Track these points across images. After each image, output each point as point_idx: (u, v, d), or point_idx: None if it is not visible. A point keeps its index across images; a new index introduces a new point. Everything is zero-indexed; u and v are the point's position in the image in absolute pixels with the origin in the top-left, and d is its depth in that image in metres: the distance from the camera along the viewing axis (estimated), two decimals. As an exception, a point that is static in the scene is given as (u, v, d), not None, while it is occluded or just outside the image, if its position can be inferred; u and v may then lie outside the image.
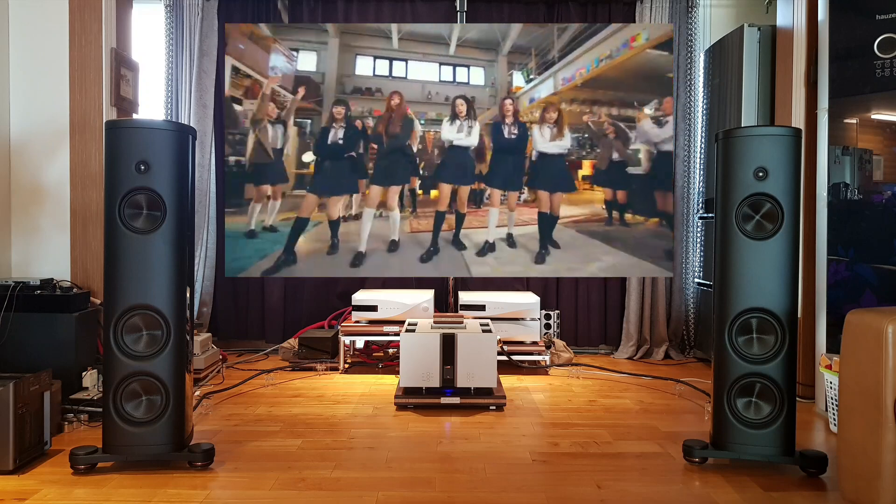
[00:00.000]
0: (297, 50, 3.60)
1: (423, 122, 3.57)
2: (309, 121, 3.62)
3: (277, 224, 3.58)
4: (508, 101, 3.45)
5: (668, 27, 3.25)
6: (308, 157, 3.47)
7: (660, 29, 3.28)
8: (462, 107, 3.52)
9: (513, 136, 3.39)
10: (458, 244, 3.44)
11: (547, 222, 3.06)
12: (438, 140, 3.47)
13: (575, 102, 3.24)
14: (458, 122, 3.51)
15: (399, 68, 3.64)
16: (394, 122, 3.49)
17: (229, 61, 3.63)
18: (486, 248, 3.34)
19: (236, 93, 3.64)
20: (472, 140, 3.47)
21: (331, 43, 3.48)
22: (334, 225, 3.53)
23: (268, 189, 3.58)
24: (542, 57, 3.44)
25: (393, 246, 3.53)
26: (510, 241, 3.31)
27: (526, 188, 3.36)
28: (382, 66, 3.66)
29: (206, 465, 2.14)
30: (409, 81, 3.63)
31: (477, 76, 3.56)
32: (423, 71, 3.62)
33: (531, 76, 3.44)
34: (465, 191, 3.48)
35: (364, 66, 3.64)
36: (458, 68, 3.60)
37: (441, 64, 3.59)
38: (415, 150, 3.55)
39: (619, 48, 3.34)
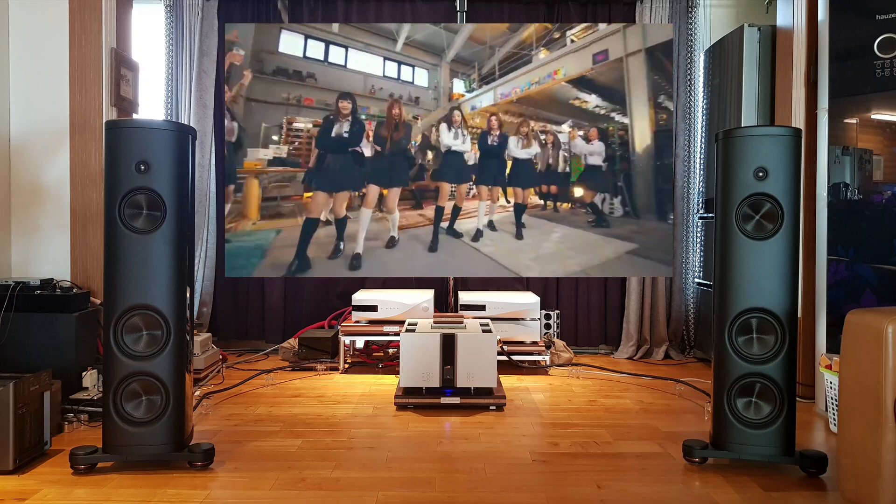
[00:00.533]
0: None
1: (363, 115, 3.51)
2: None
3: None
4: (494, 118, 3.71)
5: (587, 67, 3.73)
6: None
7: (578, 67, 3.73)
8: (457, 116, 3.71)
9: (494, 144, 3.74)
10: (454, 233, 3.71)
11: (520, 209, 3.78)
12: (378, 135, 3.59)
13: (510, 114, 3.75)
14: (453, 129, 3.67)
15: (337, 54, 3.37)
16: (399, 129, 3.50)
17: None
18: (478, 234, 3.75)
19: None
20: (466, 146, 3.73)
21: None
22: (341, 224, 3.53)
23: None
24: (481, 71, 3.67)
25: (391, 242, 3.60)
26: (491, 226, 3.74)
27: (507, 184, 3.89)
28: (316, 49, 3.32)
29: (206, 465, 2.14)
30: (348, 71, 3.44)
31: (421, 77, 3.53)
32: (365, 62, 3.41)
33: (472, 86, 3.67)
34: (463, 188, 3.75)
35: (291, 43, 3.29)
36: (402, 66, 3.53)
37: (386, 59, 3.50)
38: (414, 153, 3.60)
39: (545, 77, 3.71)
